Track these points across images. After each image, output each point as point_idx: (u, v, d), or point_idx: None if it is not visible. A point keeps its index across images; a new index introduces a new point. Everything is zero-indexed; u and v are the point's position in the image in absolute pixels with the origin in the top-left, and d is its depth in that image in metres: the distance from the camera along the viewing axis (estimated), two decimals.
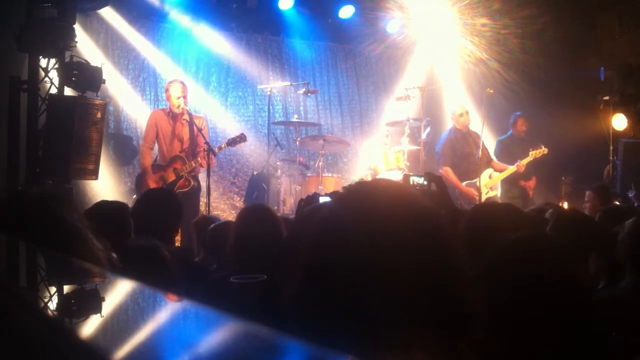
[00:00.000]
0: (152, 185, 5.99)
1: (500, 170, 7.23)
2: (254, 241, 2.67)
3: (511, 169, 7.11)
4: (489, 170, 7.15)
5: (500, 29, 8.25)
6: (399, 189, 1.14)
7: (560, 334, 1.45)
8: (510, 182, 7.37)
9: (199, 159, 6.04)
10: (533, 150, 7.11)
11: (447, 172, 7.04)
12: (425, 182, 2.78)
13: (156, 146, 6.31)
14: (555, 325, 1.45)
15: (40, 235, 1.65)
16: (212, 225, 3.49)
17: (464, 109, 7.31)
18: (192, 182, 6.08)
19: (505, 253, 1.58)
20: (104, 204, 3.21)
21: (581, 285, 1.58)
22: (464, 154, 7.18)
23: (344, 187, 1.17)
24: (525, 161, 7.07)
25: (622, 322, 2.07)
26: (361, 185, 1.16)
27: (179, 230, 4.26)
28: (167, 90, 6.21)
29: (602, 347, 1.59)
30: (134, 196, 6.36)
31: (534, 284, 1.50)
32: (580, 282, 1.58)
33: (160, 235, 3.13)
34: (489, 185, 7.14)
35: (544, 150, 7.13)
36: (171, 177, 6.07)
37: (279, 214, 4.11)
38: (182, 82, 6.21)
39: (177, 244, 4.92)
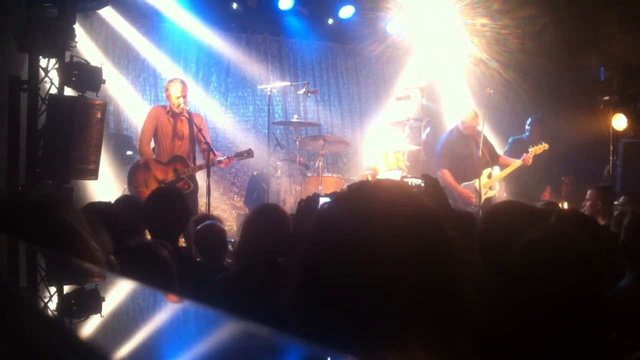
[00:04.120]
0: (150, 180, 5.98)
1: (507, 165, 7.20)
2: (261, 242, 2.67)
3: (517, 163, 7.10)
4: (487, 170, 7.15)
5: (500, 29, 8.25)
6: (400, 189, 1.14)
7: (569, 331, 1.45)
8: (510, 179, 7.37)
9: (201, 161, 6.08)
10: (533, 146, 7.10)
11: (445, 174, 7.03)
12: (423, 184, 2.78)
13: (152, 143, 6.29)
14: (567, 322, 1.46)
15: (39, 236, 1.65)
16: (198, 227, 3.52)
17: (474, 112, 7.31)
18: (191, 185, 6.09)
19: (524, 252, 1.58)
20: (95, 205, 3.21)
21: (600, 282, 1.58)
22: (463, 155, 7.16)
23: (346, 187, 1.17)
24: (534, 149, 7.06)
25: (623, 321, 2.08)
26: (362, 185, 1.16)
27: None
28: (167, 90, 6.19)
29: (606, 344, 1.59)
30: (125, 187, 6.35)
31: (556, 281, 1.50)
32: (599, 279, 1.58)
33: (166, 236, 3.13)
34: (488, 185, 7.14)
35: (544, 146, 7.09)
36: (171, 176, 6.05)
37: None
38: (182, 82, 6.19)
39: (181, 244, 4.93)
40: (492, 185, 7.21)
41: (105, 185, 6.83)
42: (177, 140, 6.19)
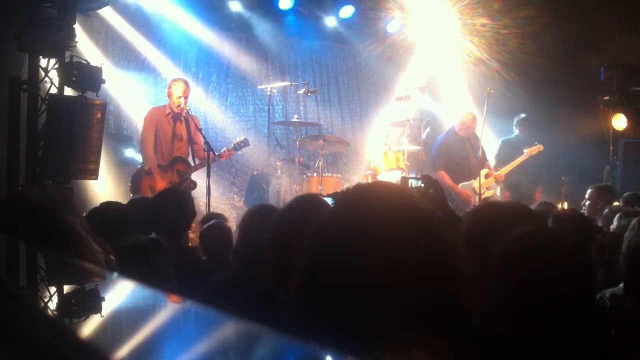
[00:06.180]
0: (155, 185, 5.97)
1: (488, 175, 7.19)
2: (258, 242, 2.66)
3: (519, 159, 7.09)
4: (484, 171, 7.14)
5: (500, 29, 8.25)
6: (397, 192, 1.14)
7: (564, 330, 1.45)
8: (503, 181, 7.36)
9: (198, 160, 6.09)
10: (528, 148, 7.10)
11: (442, 176, 7.01)
12: (423, 185, 2.79)
13: None
14: (560, 320, 1.46)
15: (39, 237, 1.65)
16: (203, 227, 3.53)
17: (472, 115, 7.30)
18: (196, 184, 6.12)
19: (509, 249, 1.58)
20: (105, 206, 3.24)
21: (588, 281, 1.58)
22: (459, 156, 7.15)
23: (344, 190, 1.18)
24: (529, 150, 7.06)
25: (622, 320, 2.08)
26: (360, 188, 1.17)
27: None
28: (169, 87, 6.22)
29: (603, 344, 1.59)
30: (131, 195, 6.35)
31: (538, 280, 1.50)
32: (586, 278, 1.57)
33: (172, 234, 3.14)
34: (486, 185, 7.13)
35: (539, 147, 7.10)
36: (175, 178, 6.05)
37: None
38: (185, 82, 6.21)
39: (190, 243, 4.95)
40: (489, 185, 7.21)
41: (105, 186, 6.83)
42: (176, 142, 6.19)
